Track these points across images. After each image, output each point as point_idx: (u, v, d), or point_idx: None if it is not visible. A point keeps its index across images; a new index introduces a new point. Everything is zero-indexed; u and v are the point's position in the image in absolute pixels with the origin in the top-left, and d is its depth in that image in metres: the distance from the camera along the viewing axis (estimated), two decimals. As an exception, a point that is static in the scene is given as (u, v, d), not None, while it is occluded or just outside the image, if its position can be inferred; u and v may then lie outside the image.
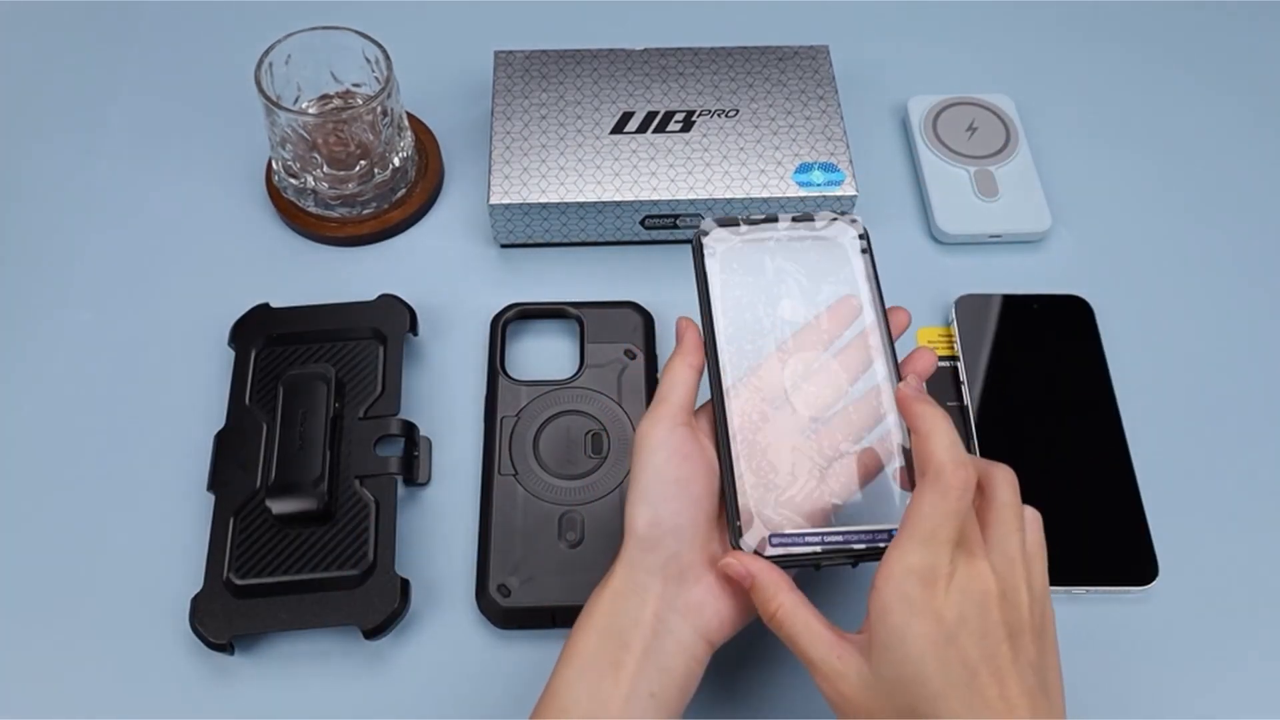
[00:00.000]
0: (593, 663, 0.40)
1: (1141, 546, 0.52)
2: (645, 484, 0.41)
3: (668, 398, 0.42)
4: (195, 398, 0.56)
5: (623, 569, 0.41)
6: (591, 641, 0.40)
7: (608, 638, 0.40)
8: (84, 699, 0.48)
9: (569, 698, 0.39)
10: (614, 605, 0.40)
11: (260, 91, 0.56)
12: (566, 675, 0.40)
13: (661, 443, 0.41)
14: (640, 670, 0.39)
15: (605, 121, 0.62)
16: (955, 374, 0.58)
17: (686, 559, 0.41)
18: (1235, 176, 0.67)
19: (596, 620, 0.40)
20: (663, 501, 0.40)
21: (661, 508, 0.40)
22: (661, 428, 0.41)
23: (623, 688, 0.39)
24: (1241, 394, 0.58)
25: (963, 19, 0.75)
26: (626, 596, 0.40)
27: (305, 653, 0.50)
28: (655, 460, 0.41)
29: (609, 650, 0.40)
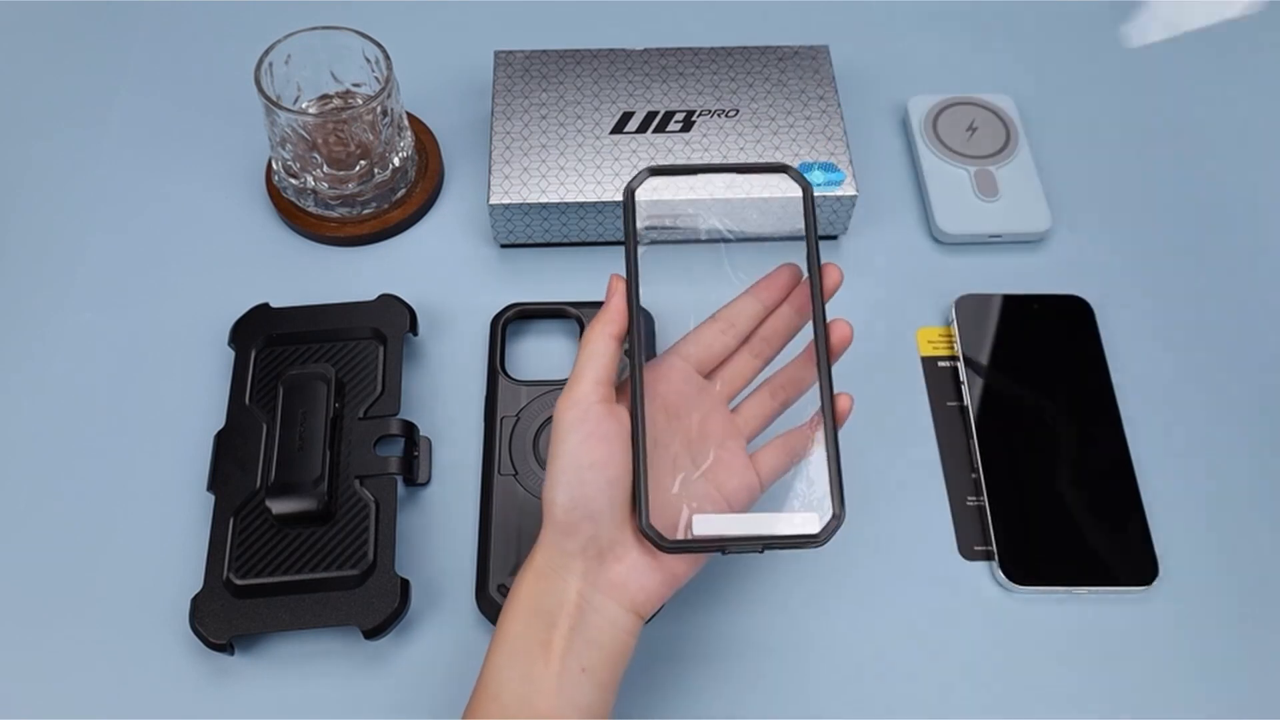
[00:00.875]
0: (522, 645, 0.40)
1: (1142, 547, 0.52)
2: (561, 468, 0.40)
3: (583, 374, 0.41)
4: (195, 398, 0.56)
5: (543, 551, 0.41)
6: (519, 624, 0.40)
7: (534, 619, 0.40)
8: (84, 699, 0.48)
9: (500, 682, 0.40)
10: (537, 587, 0.41)
11: (260, 91, 0.56)
12: (496, 660, 0.40)
13: (576, 424, 0.40)
14: (569, 647, 0.39)
15: (605, 121, 0.62)
16: (955, 374, 0.58)
17: (606, 540, 0.41)
18: (1235, 176, 0.67)
19: (522, 603, 0.41)
20: (578, 486, 0.40)
21: (577, 492, 0.40)
22: (577, 409, 0.40)
23: (553, 666, 0.39)
24: (1241, 394, 0.58)
25: (963, 19, 0.75)
26: (549, 578, 0.40)
27: (305, 653, 0.50)
28: (570, 443, 0.40)
29: (537, 631, 0.40)
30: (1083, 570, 0.52)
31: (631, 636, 0.41)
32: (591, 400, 0.41)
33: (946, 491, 0.55)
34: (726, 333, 0.46)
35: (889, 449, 0.56)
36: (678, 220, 0.45)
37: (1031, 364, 0.58)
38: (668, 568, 0.41)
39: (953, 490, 0.55)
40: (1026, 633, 0.51)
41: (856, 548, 0.53)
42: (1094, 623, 0.51)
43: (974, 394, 0.57)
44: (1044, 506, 0.54)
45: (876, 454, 0.55)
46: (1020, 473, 0.54)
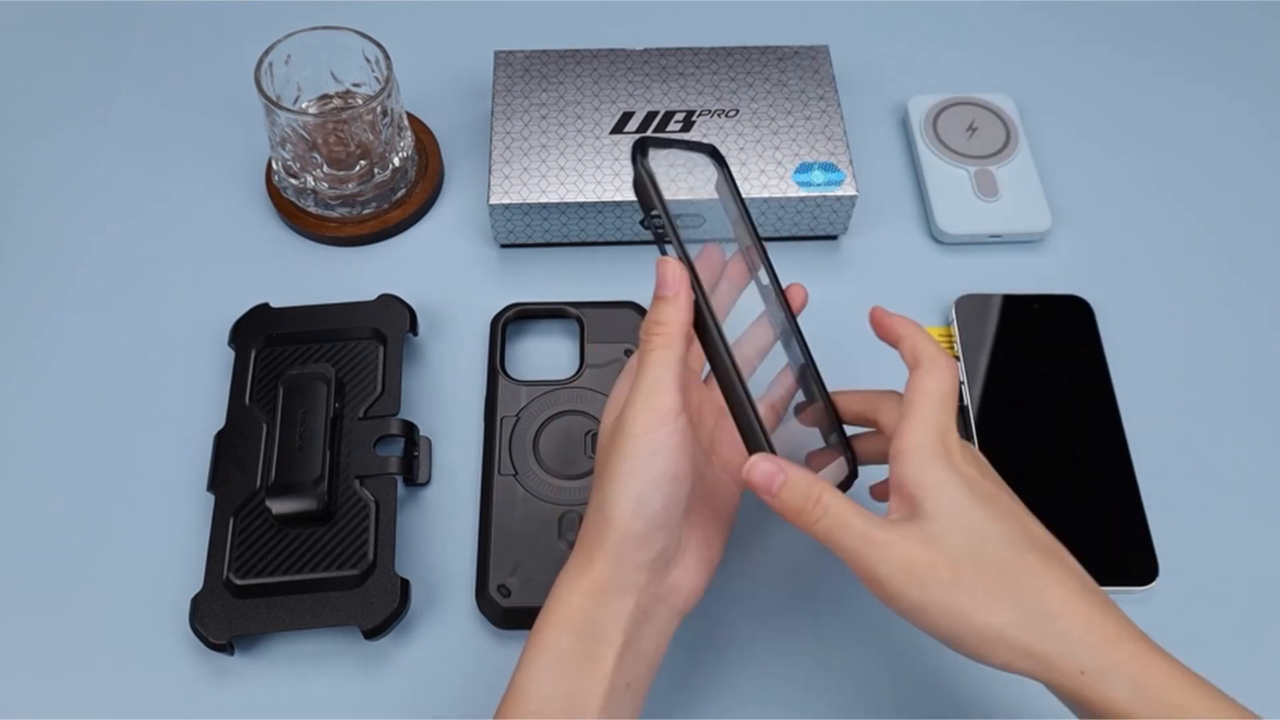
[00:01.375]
0: (570, 660, 0.38)
1: (1142, 546, 0.52)
2: (642, 482, 0.38)
3: (662, 385, 0.39)
4: (195, 398, 0.56)
5: (608, 564, 0.39)
6: (568, 638, 0.39)
7: (588, 634, 0.39)
8: (84, 699, 0.48)
9: (542, 697, 0.38)
10: (596, 600, 0.39)
11: (260, 91, 0.56)
12: (536, 672, 0.38)
13: (664, 442, 0.38)
14: (620, 663, 0.39)
15: (605, 121, 0.62)
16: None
17: (673, 549, 0.41)
18: (1235, 176, 0.67)
19: (574, 616, 0.39)
20: (661, 498, 0.39)
21: (657, 504, 0.39)
22: (667, 426, 0.38)
23: (601, 685, 0.38)
24: (1242, 394, 0.58)
25: (963, 19, 0.75)
26: (611, 591, 0.39)
27: (305, 653, 0.50)
28: (657, 461, 0.38)
29: (589, 647, 0.38)
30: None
31: (669, 639, 0.41)
32: (679, 412, 0.39)
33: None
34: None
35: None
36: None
37: (1031, 364, 0.58)
38: (708, 558, 0.42)
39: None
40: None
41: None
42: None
43: (974, 394, 0.57)
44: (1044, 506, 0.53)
45: (876, 454, 0.55)
46: (1021, 472, 0.54)
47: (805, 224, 0.62)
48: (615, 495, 0.39)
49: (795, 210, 0.61)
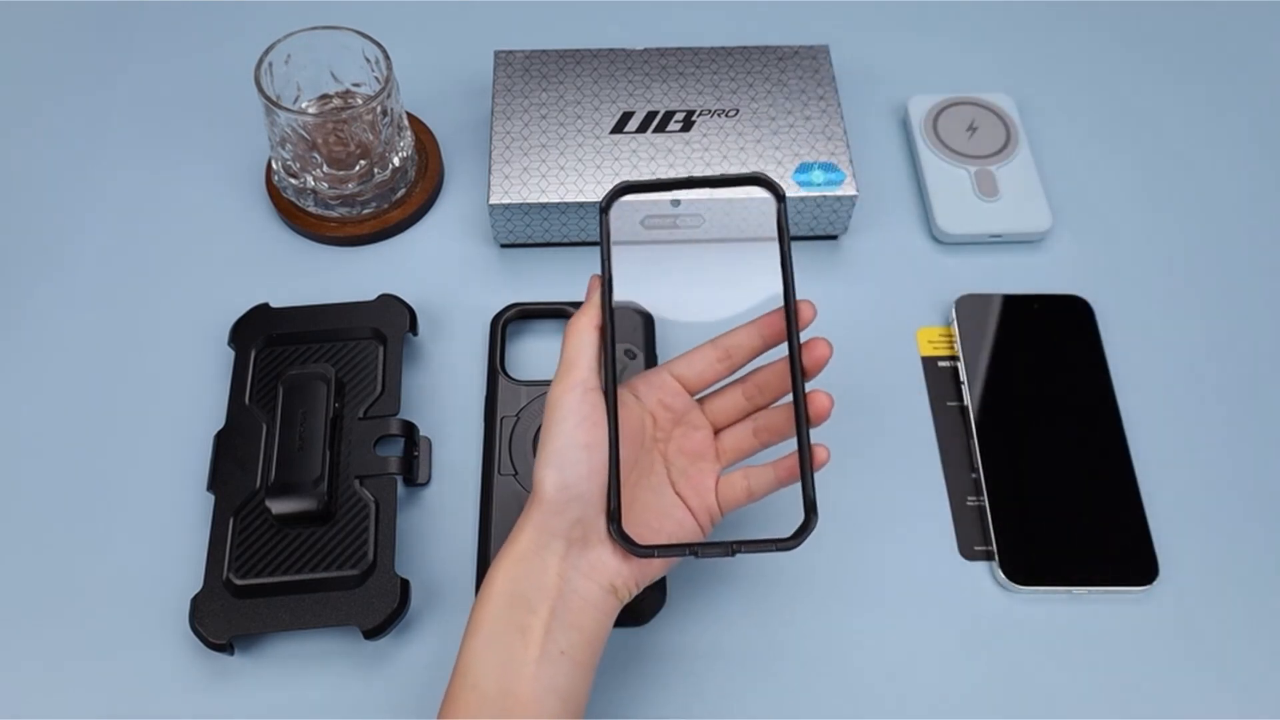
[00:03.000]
0: (501, 629, 0.40)
1: (1142, 547, 0.52)
2: (555, 449, 0.41)
3: (578, 361, 0.42)
4: (195, 398, 0.56)
5: (528, 533, 0.41)
6: (497, 608, 0.40)
7: (514, 603, 0.40)
8: (84, 699, 0.48)
9: (479, 668, 0.40)
10: (518, 569, 0.41)
11: (260, 91, 0.56)
12: (474, 646, 0.40)
13: (573, 409, 0.41)
14: (548, 631, 0.40)
15: (605, 121, 0.62)
16: (955, 374, 0.58)
17: (590, 523, 0.41)
18: (1235, 177, 0.67)
19: (500, 586, 0.41)
20: (571, 466, 0.41)
21: (569, 472, 0.41)
22: (573, 394, 0.41)
23: (532, 650, 0.40)
24: (1241, 394, 0.58)
25: (963, 19, 0.75)
26: (530, 560, 0.41)
27: (305, 653, 0.50)
28: (565, 426, 0.41)
29: (516, 615, 0.40)
30: (1083, 570, 0.51)
31: (609, 618, 0.42)
32: (589, 386, 0.42)
33: (947, 491, 0.55)
34: (722, 361, 0.46)
35: (889, 449, 0.56)
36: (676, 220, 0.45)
37: (1031, 364, 0.58)
38: (640, 560, 0.43)
39: (953, 490, 0.55)
40: (1027, 633, 0.51)
41: (857, 548, 0.53)
42: (1094, 623, 0.51)
43: (974, 394, 0.57)
44: (1044, 506, 0.53)
45: (876, 454, 0.55)
46: (1021, 473, 0.54)
47: (805, 224, 0.62)
48: (537, 464, 0.41)
49: (795, 210, 0.61)
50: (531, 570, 0.41)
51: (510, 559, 0.41)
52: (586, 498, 0.41)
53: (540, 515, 0.41)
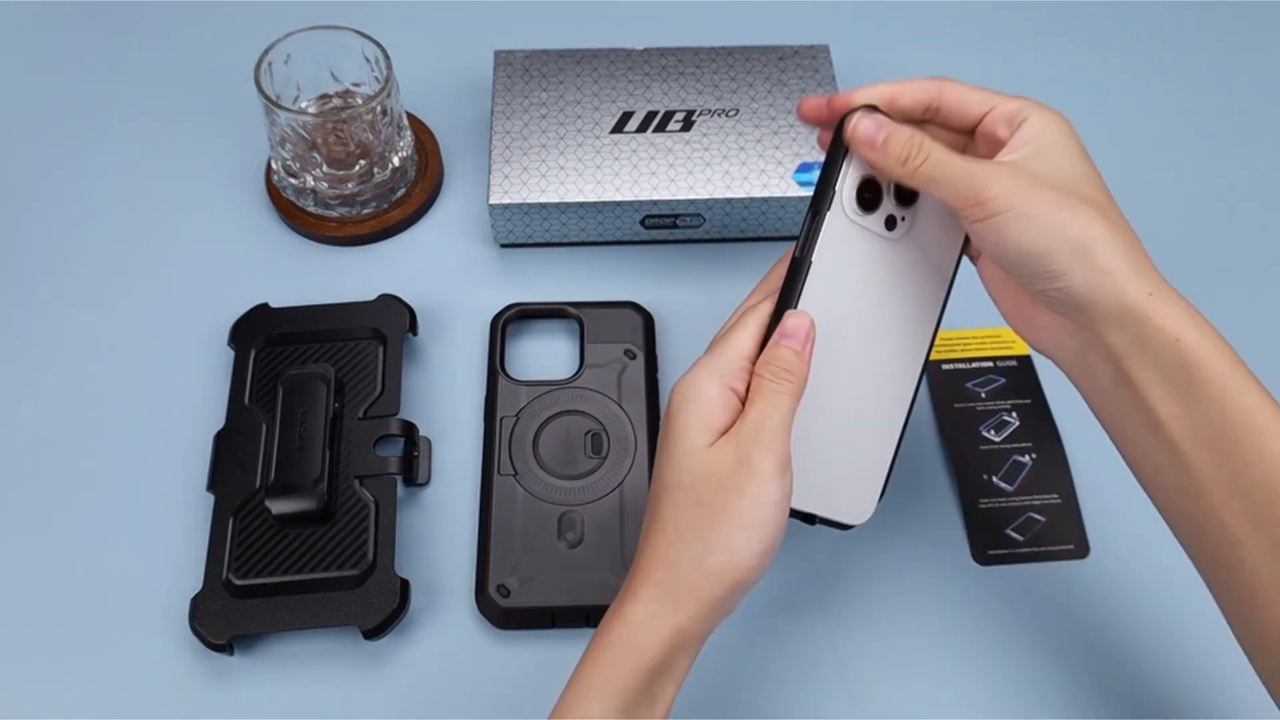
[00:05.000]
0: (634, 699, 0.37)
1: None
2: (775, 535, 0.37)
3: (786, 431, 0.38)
4: (195, 398, 0.56)
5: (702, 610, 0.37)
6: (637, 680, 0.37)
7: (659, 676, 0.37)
8: (84, 699, 0.48)
9: None
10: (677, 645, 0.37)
11: (260, 91, 0.56)
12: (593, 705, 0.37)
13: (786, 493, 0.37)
14: (675, 695, 0.38)
15: (605, 121, 0.62)
16: (958, 375, 0.58)
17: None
18: (1235, 176, 0.67)
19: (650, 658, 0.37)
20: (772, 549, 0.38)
21: (769, 558, 0.38)
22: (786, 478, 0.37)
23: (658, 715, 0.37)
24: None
25: (963, 19, 0.75)
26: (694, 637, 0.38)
27: (305, 653, 0.50)
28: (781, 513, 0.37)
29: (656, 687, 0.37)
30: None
31: None
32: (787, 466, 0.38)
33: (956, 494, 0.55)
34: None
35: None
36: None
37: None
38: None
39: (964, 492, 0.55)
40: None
41: (863, 547, 0.53)
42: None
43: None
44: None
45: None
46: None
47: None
48: (742, 545, 0.37)
49: (795, 210, 0.61)
50: (690, 646, 0.38)
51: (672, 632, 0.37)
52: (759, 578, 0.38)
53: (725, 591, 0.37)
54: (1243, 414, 0.36)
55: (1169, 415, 0.37)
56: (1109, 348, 0.38)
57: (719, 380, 0.39)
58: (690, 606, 0.37)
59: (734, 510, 0.37)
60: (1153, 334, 0.36)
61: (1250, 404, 0.36)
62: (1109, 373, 0.38)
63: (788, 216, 0.61)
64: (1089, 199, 0.38)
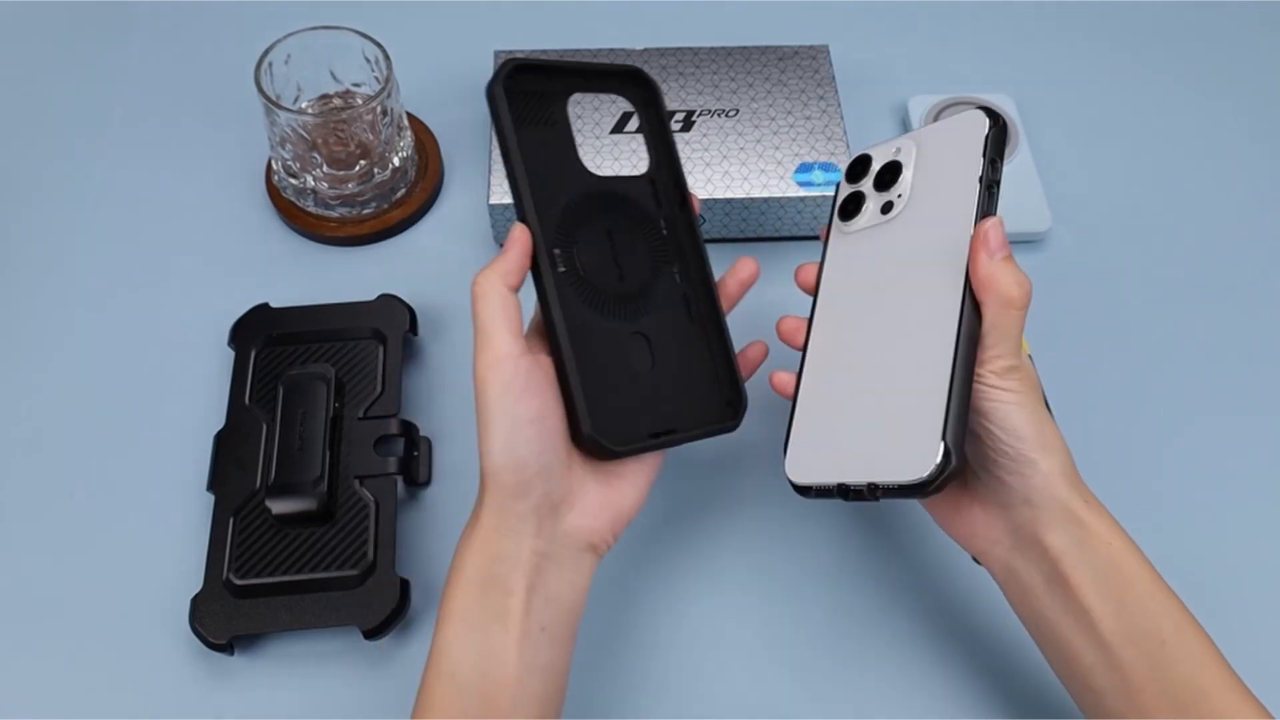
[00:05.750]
0: (476, 616, 0.39)
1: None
2: (499, 430, 0.39)
3: (495, 330, 0.40)
4: (195, 398, 0.56)
5: (491, 515, 0.40)
6: (470, 595, 0.39)
7: (488, 587, 0.39)
8: (84, 699, 0.48)
9: (456, 659, 0.39)
10: (488, 551, 0.40)
11: (260, 91, 0.56)
12: (449, 636, 0.39)
13: (507, 384, 0.39)
14: (527, 610, 0.39)
15: (605, 121, 0.62)
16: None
17: (559, 492, 0.40)
18: (1235, 176, 0.67)
19: (471, 572, 0.40)
20: (523, 444, 0.39)
21: (523, 450, 0.39)
22: (501, 367, 0.39)
23: (513, 633, 0.39)
24: (1247, 388, 0.58)
25: (963, 19, 0.75)
26: (500, 542, 0.40)
27: (305, 653, 0.50)
28: (505, 404, 0.39)
29: (492, 599, 0.39)
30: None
31: (587, 579, 0.42)
32: (514, 354, 0.40)
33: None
34: None
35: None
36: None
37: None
38: (614, 500, 0.42)
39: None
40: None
41: (863, 546, 0.53)
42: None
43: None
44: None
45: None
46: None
47: (805, 224, 0.62)
48: (484, 449, 0.40)
49: (795, 210, 0.61)
50: (504, 552, 0.40)
51: (478, 542, 0.40)
52: (548, 471, 0.40)
53: (500, 499, 0.40)
54: (1166, 613, 0.39)
55: (1102, 615, 0.39)
56: (1048, 549, 0.40)
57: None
58: (482, 515, 0.40)
59: (478, 419, 0.40)
60: (1090, 538, 0.40)
61: (1171, 605, 0.39)
62: (1043, 573, 0.41)
63: (787, 216, 0.61)
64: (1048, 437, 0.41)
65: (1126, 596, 0.39)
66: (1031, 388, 0.41)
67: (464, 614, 0.39)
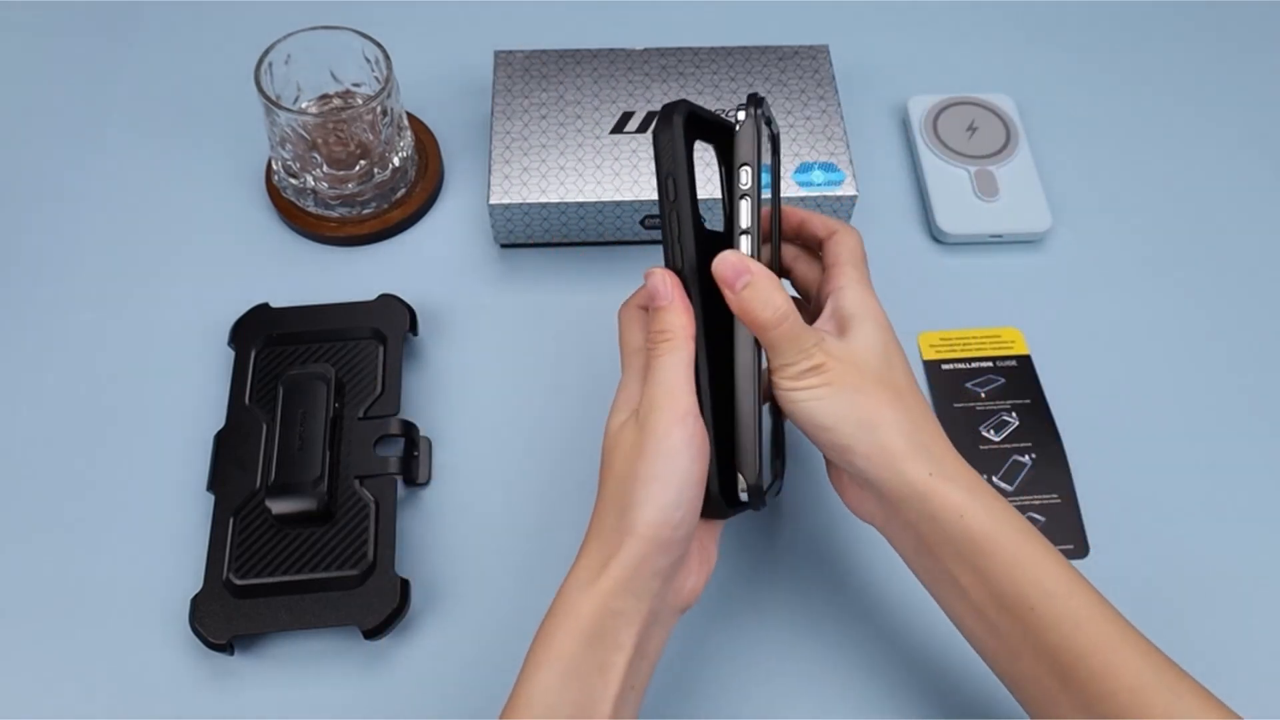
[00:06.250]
0: (579, 667, 0.38)
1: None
2: (672, 488, 0.38)
3: (675, 389, 0.39)
4: (195, 398, 0.56)
5: (625, 571, 0.38)
6: (577, 644, 0.38)
7: (600, 642, 0.38)
8: (84, 699, 0.48)
9: (550, 703, 0.37)
10: (610, 608, 0.38)
11: (260, 91, 0.56)
12: (548, 681, 0.38)
13: (688, 442, 0.39)
14: (629, 669, 0.39)
15: (605, 121, 0.62)
16: (959, 376, 0.58)
17: (683, 554, 0.40)
18: (1235, 176, 0.67)
19: (586, 623, 0.38)
20: (688, 504, 0.39)
21: (682, 510, 0.39)
22: (684, 427, 0.39)
23: (612, 690, 0.38)
24: (1250, 389, 0.58)
25: (963, 19, 0.75)
26: (626, 599, 0.38)
27: (305, 653, 0.50)
28: (681, 462, 0.39)
29: (600, 654, 0.38)
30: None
31: (669, 635, 0.42)
32: (695, 413, 0.40)
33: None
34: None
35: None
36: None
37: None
38: (707, 557, 0.43)
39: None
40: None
41: (863, 546, 0.53)
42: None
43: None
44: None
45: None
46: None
47: (805, 224, 0.62)
48: (641, 500, 0.38)
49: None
50: (625, 609, 0.38)
51: (601, 594, 0.38)
52: (690, 533, 0.40)
53: (643, 556, 0.38)
54: (1033, 582, 0.38)
55: (969, 584, 0.40)
56: (905, 520, 0.41)
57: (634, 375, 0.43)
58: (613, 567, 0.38)
59: (640, 471, 0.39)
60: (937, 510, 0.39)
61: (1040, 572, 0.39)
62: (911, 542, 0.42)
63: (788, 216, 0.61)
64: (886, 381, 0.41)
65: (988, 565, 0.39)
66: (840, 376, 0.40)
67: (567, 660, 0.38)
